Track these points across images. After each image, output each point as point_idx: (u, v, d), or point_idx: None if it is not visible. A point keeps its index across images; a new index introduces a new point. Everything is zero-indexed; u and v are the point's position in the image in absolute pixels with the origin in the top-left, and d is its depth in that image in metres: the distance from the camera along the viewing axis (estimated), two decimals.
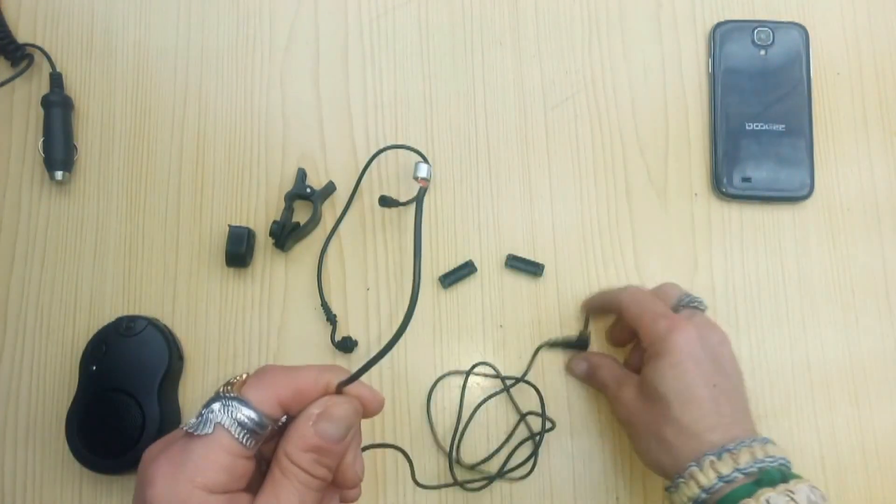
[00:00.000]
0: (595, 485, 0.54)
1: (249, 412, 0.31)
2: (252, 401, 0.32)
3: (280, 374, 0.33)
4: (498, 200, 0.58)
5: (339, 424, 0.33)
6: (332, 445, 0.33)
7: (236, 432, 0.31)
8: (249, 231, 0.56)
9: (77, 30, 0.61)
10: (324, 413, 0.33)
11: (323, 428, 0.33)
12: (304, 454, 0.32)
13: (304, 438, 0.32)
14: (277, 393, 0.33)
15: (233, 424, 0.31)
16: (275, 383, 0.33)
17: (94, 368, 0.52)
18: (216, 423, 0.31)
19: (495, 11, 0.62)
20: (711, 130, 0.59)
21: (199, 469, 0.30)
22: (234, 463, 0.31)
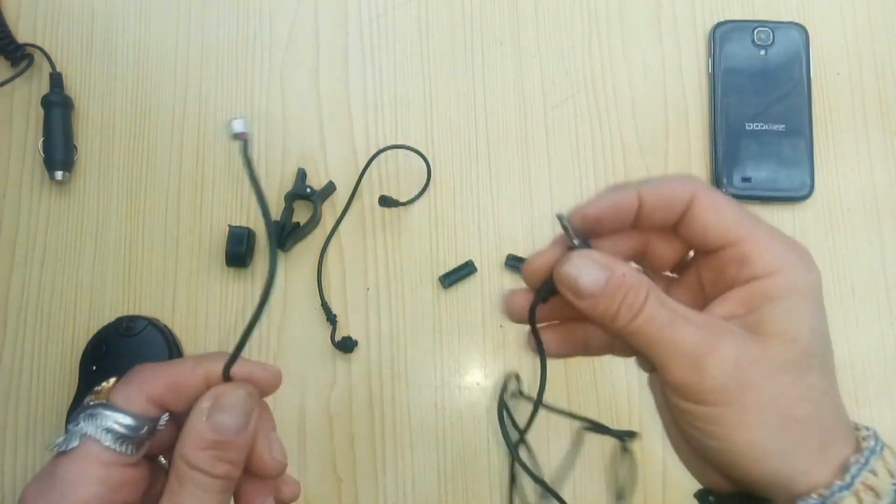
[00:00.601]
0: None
1: (117, 415, 0.29)
2: (119, 404, 0.29)
3: (149, 371, 0.31)
4: (498, 200, 0.58)
5: (236, 412, 0.30)
6: (232, 437, 0.29)
7: (106, 440, 0.28)
8: (249, 231, 0.56)
9: (77, 30, 0.61)
10: (215, 404, 0.30)
11: (218, 420, 0.29)
12: (201, 453, 0.29)
13: (198, 436, 0.29)
14: (147, 390, 0.30)
15: (99, 432, 0.28)
16: (143, 381, 0.30)
17: (94, 368, 0.52)
18: (81, 435, 0.28)
19: (495, 11, 0.62)
20: (711, 130, 0.59)
21: (68, 487, 0.28)
22: (109, 473, 0.28)
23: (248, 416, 0.30)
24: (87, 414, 0.29)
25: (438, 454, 0.54)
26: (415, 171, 0.58)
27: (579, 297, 0.29)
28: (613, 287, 0.28)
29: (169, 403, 0.30)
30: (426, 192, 0.58)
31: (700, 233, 0.30)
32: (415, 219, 0.58)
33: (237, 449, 0.30)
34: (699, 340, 0.27)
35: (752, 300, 0.28)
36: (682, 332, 0.28)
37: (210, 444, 0.29)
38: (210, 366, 0.31)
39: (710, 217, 0.29)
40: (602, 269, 0.28)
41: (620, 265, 0.29)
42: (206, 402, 0.30)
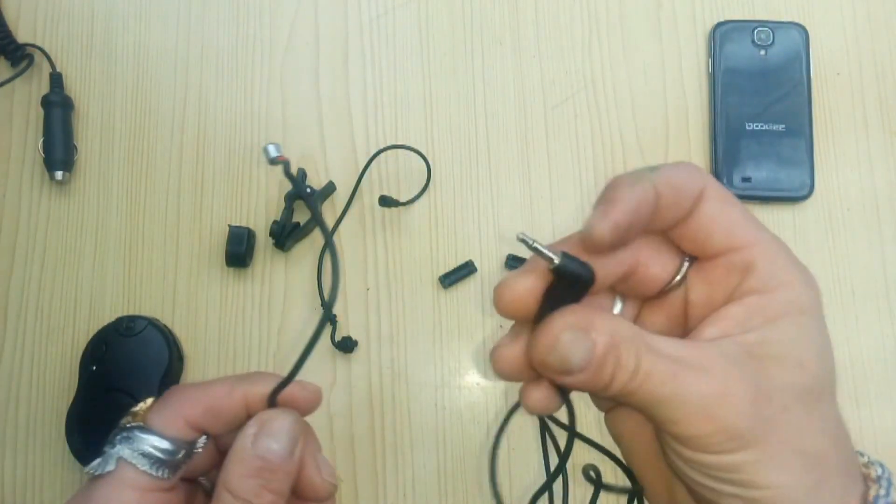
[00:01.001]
0: None
1: (153, 439, 0.28)
2: (156, 427, 0.29)
3: (186, 392, 0.30)
4: (498, 200, 0.58)
5: (282, 439, 0.29)
6: (278, 464, 0.29)
7: (141, 464, 0.28)
8: (249, 231, 0.56)
9: (77, 30, 0.61)
10: (261, 431, 0.29)
11: (264, 447, 0.28)
12: (247, 481, 0.28)
13: (244, 462, 0.28)
14: (185, 413, 0.29)
15: (135, 456, 0.28)
16: (180, 403, 0.30)
17: (94, 368, 0.52)
18: (117, 458, 0.28)
19: (495, 11, 0.62)
20: (711, 130, 0.59)
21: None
22: (143, 499, 0.28)
23: (294, 442, 0.29)
24: (124, 436, 0.28)
25: (438, 454, 0.54)
26: (415, 171, 0.58)
27: (568, 376, 0.25)
28: (603, 352, 0.24)
29: (207, 426, 0.30)
30: (426, 192, 0.58)
31: (704, 233, 0.26)
32: (415, 219, 0.58)
33: (283, 477, 0.29)
34: (709, 388, 0.24)
35: (750, 318, 0.25)
36: (687, 381, 0.24)
37: (256, 471, 0.28)
38: (249, 388, 0.30)
39: (718, 215, 0.26)
40: (585, 333, 0.24)
41: (603, 319, 0.25)
42: (251, 428, 0.29)
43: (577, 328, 0.24)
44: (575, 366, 0.24)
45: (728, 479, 0.24)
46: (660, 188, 0.25)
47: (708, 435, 0.24)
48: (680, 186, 0.26)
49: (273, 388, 0.30)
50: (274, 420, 0.29)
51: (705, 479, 0.25)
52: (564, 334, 0.24)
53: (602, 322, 0.24)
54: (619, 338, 0.24)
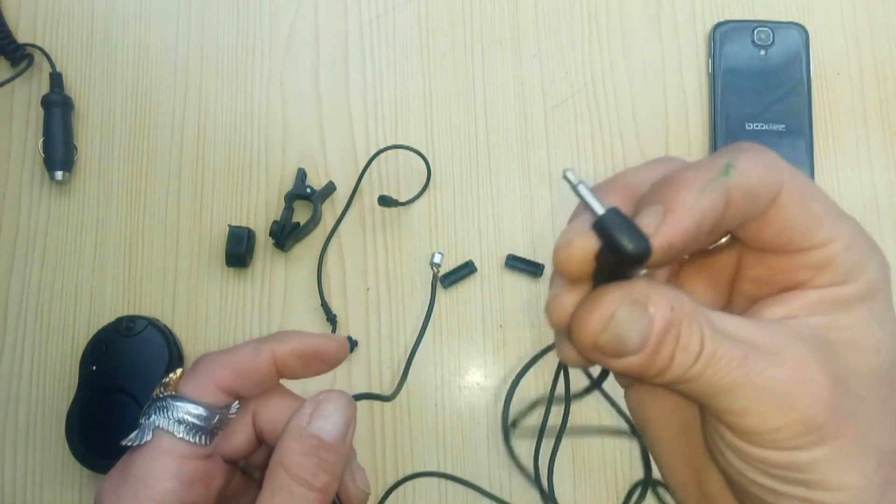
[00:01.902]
0: None
1: (188, 406, 0.28)
2: (188, 394, 0.29)
3: (214, 358, 0.30)
4: (498, 200, 0.58)
5: (337, 419, 0.29)
6: (335, 444, 0.28)
7: (178, 431, 0.28)
8: (249, 231, 0.56)
9: (77, 30, 0.61)
10: (317, 410, 0.29)
11: (320, 426, 0.28)
12: (304, 459, 0.28)
13: (300, 440, 0.28)
14: (214, 378, 0.29)
15: (171, 424, 0.28)
16: (209, 369, 0.29)
17: (94, 368, 0.52)
18: (154, 428, 0.28)
19: (495, 11, 0.62)
20: (711, 130, 0.59)
21: (142, 482, 0.27)
22: (183, 467, 0.27)
23: (347, 424, 0.29)
24: (158, 406, 0.28)
25: (438, 454, 0.54)
26: (415, 171, 0.58)
27: (619, 359, 0.22)
28: (661, 330, 0.21)
29: (238, 389, 0.29)
30: (426, 192, 0.58)
31: (778, 234, 0.23)
32: (415, 219, 0.58)
33: (337, 459, 0.28)
34: (785, 374, 0.21)
35: (821, 304, 0.23)
36: (759, 366, 0.21)
37: (312, 449, 0.28)
38: (275, 346, 0.30)
39: (795, 216, 0.22)
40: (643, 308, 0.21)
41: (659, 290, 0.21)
42: (307, 408, 0.29)
43: (633, 301, 0.21)
44: (631, 347, 0.21)
45: (795, 478, 0.22)
46: (733, 193, 0.22)
47: (781, 428, 0.21)
48: (755, 189, 0.22)
49: (286, 347, 0.30)
50: (328, 401, 0.29)
51: (765, 479, 0.22)
52: (621, 310, 0.21)
53: (659, 294, 0.21)
54: (682, 313, 0.21)
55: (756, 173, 0.22)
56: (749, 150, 0.22)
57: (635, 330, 0.21)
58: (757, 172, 0.22)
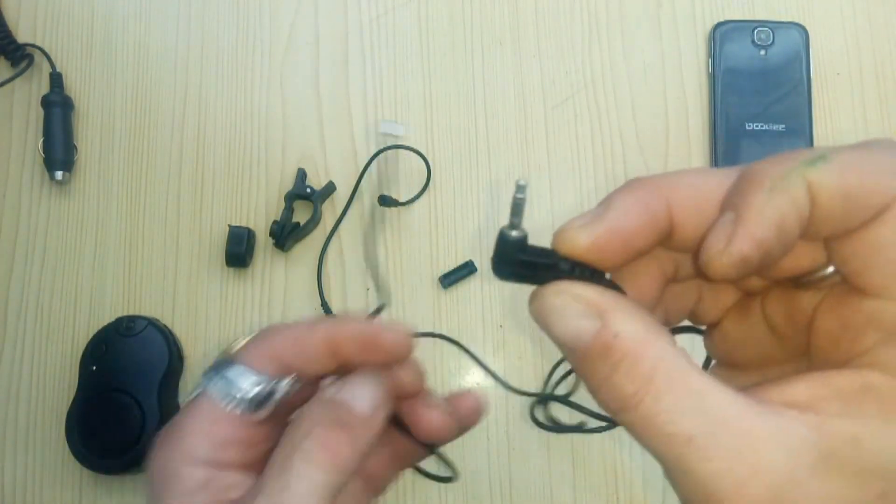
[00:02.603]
0: None
1: (240, 371, 0.27)
2: (244, 362, 0.28)
3: (275, 329, 0.29)
4: (498, 200, 0.58)
5: (366, 392, 0.27)
6: (359, 413, 0.26)
7: (221, 396, 0.27)
8: (249, 231, 0.56)
9: (77, 30, 0.61)
10: (344, 383, 0.27)
11: (347, 395, 0.27)
12: (325, 420, 0.26)
13: (324, 404, 0.27)
14: (269, 348, 0.28)
15: (217, 387, 0.27)
16: (266, 339, 0.28)
17: (94, 368, 0.52)
18: (200, 390, 0.28)
19: (495, 11, 0.62)
20: (711, 130, 0.59)
21: (179, 438, 0.27)
22: (218, 430, 0.27)
23: (378, 401, 0.27)
24: (212, 368, 0.28)
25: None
26: (415, 171, 0.58)
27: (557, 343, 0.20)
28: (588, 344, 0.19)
29: (291, 364, 0.28)
30: (426, 192, 0.58)
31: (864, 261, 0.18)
32: (415, 219, 0.58)
33: (364, 429, 0.26)
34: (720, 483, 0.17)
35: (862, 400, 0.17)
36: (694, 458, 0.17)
37: (335, 413, 0.26)
38: (330, 326, 0.28)
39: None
40: (590, 315, 0.19)
41: (624, 312, 0.19)
42: (338, 383, 0.27)
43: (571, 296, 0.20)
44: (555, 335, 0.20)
45: None
46: (820, 195, 0.17)
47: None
48: (855, 195, 0.17)
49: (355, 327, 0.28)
50: (358, 375, 0.27)
51: None
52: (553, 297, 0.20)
53: (614, 311, 0.19)
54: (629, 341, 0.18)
55: (858, 172, 0.17)
56: (862, 146, 0.18)
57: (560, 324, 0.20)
58: (860, 171, 0.17)
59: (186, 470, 0.26)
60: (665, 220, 0.20)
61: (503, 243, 0.23)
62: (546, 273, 0.22)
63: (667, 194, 0.20)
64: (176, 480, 0.26)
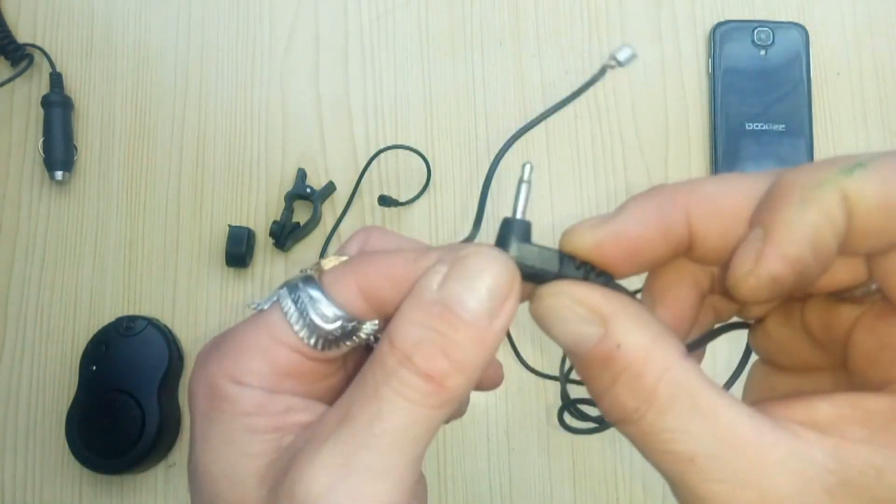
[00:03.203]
0: None
1: (321, 296, 0.22)
2: (327, 285, 0.22)
3: (374, 259, 0.22)
4: (498, 201, 0.58)
5: (483, 287, 0.20)
6: (471, 321, 0.19)
7: (293, 317, 0.22)
8: (249, 231, 0.56)
9: (77, 30, 0.61)
10: (454, 269, 0.20)
11: (454, 293, 0.20)
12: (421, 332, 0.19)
13: (420, 305, 0.20)
14: (364, 279, 0.22)
15: (294, 306, 0.22)
16: (363, 268, 0.22)
17: (94, 368, 0.52)
18: (273, 301, 0.23)
19: (495, 11, 0.62)
20: (711, 130, 0.59)
21: (229, 352, 0.22)
22: (277, 352, 0.22)
23: (500, 301, 0.20)
24: (293, 283, 0.23)
25: (438, 454, 0.54)
26: (415, 171, 0.58)
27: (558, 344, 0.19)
28: (602, 357, 0.18)
29: (381, 302, 0.22)
30: (426, 192, 0.58)
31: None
32: (415, 219, 0.58)
33: (475, 345, 0.20)
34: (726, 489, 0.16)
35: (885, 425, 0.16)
36: (696, 478, 0.16)
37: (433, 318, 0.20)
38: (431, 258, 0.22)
39: None
40: (591, 321, 0.18)
41: (629, 319, 0.18)
42: (443, 266, 0.21)
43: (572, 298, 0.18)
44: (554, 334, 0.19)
45: None
46: (858, 207, 0.16)
47: None
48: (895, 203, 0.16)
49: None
50: (475, 258, 0.21)
51: None
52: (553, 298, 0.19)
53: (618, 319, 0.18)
54: (633, 352, 0.17)
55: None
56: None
57: (560, 328, 0.19)
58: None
59: (238, 391, 0.22)
60: (683, 230, 0.19)
61: (507, 230, 0.21)
62: (549, 271, 0.21)
63: (686, 204, 0.19)
64: (226, 402, 0.21)
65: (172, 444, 0.54)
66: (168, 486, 0.53)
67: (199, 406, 0.22)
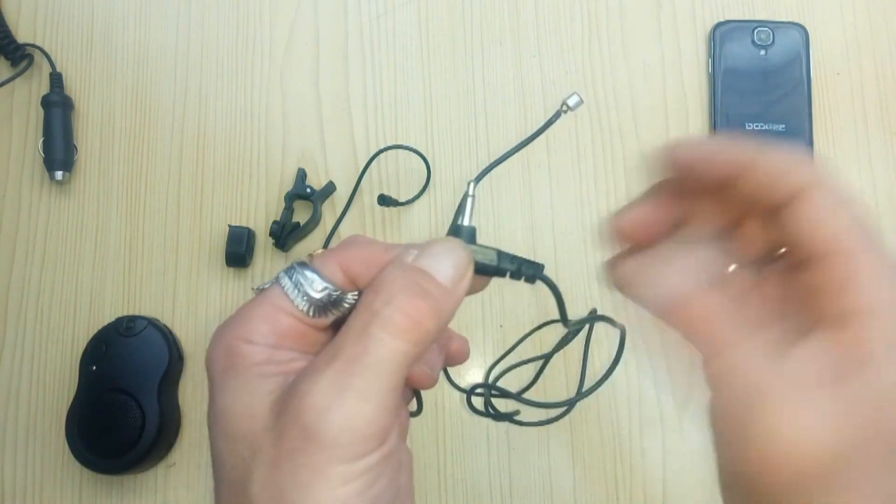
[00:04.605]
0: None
1: (308, 273, 0.28)
2: (316, 265, 0.28)
3: (355, 242, 0.29)
4: (498, 200, 0.58)
5: (448, 262, 0.27)
6: (444, 283, 0.26)
7: (289, 290, 0.28)
8: (249, 231, 0.56)
9: (77, 30, 0.61)
10: (424, 250, 0.27)
11: (428, 263, 0.26)
12: (406, 283, 0.26)
13: (404, 270, 0.26)
14: (343, 258, 0.28)
15: (290, 281, 0.28)
16: (344, 250, 0.28)
17: (94, 368, 0.52)
18: (274, 282, 0.29)
19: (495, 11, 0.62)
20: (711, 130, 0.59)
21: (239, 321, 0.28)
22: (279, 317, 0.27)
23: (461, 272, 0.27)
24: (290, 267, 0.29)
25: (438, 454, 0.54)
26: (415, 171, 0.58)
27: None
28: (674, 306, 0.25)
29: (357, 277, 0.28)
30: (426, 191, 0.58)
31: (795, 229, 0.23)
32: (415, 219, 0.58)
33: (447, 300, 0.26)
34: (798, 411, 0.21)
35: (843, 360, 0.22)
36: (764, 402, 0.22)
37: (417, 279, 0.26)
38: (407, 253, 0.28)
39: (819, 220, 0.23)
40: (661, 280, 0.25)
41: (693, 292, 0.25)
42: (414, 248, 0.27)
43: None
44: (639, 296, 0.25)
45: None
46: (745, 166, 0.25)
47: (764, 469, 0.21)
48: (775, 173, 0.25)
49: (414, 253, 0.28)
50: (439, 243, 0.27)
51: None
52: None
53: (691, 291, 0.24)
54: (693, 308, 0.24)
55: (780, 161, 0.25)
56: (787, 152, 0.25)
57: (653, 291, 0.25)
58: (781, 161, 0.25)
59: (249, 348, 0.27)
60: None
61: (457, 234, 0.29)
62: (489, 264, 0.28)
63: None
64: (238, 358, 0.27)
65: (172, 444, 0.54)
66: (168, 486, 0.53)
67: (217, 364, 0.27)
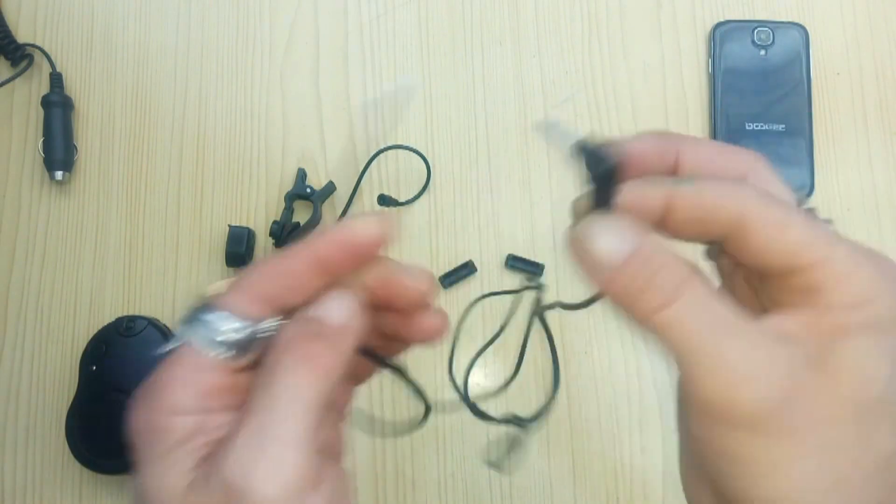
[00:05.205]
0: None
1: (217, 315, 0.26)
2: (224, 306, 0.26)
3: (258, 267, 0.27)
4: (498, 200, 0.58)
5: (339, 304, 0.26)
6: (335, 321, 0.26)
7: (203, 343, 0.26)
8: (249, 231, 0.56)
9: (77, 30, 0.61)
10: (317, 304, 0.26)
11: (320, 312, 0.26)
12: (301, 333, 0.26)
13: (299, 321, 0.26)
14: (255, 286, 0.26)
15: (197, 335, 0.26)
16: (251, 278, 0.26)
17: (94, 368, 0.52)
18: (177, 339, 0.26)
19: (495, 11, 0.62)
20: (711, 130, 0.59)
21: (162, 392, 0.26)
22: (203, 379, 0.25)
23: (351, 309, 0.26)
24: (189, 315, 0.26)
25: (438, 454, 0.54)
26: (415, 171, 0.58)
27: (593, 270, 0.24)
28: (639, 261, 0.23)
29: (279, 297, 0.26)
30: (426, 192, 0.58)
31: (753, 257, 0.23)
32: (415, 219, 0.58)
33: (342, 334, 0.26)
34: (745, 355, 0.21)
35: (819, 330, 0.22)
36: (724, 340, 0.22)
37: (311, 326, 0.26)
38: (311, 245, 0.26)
39: (768, 240, 0.23)
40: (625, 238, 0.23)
41: (654, 239, 0.24)
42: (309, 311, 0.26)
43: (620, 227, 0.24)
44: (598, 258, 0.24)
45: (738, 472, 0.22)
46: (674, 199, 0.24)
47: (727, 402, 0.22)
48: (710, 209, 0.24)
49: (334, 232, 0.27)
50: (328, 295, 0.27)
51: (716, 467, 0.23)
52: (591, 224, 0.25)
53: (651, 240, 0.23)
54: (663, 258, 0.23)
55: (713, 196, 0.24)
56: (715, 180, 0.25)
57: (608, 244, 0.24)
58: (714, 196, 0.24)
59: (174, 421, 0.25)
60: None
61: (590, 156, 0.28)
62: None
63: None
64: (164, 434, 0.25)
65: None
66: None
67: (139, 446, 0.25)
